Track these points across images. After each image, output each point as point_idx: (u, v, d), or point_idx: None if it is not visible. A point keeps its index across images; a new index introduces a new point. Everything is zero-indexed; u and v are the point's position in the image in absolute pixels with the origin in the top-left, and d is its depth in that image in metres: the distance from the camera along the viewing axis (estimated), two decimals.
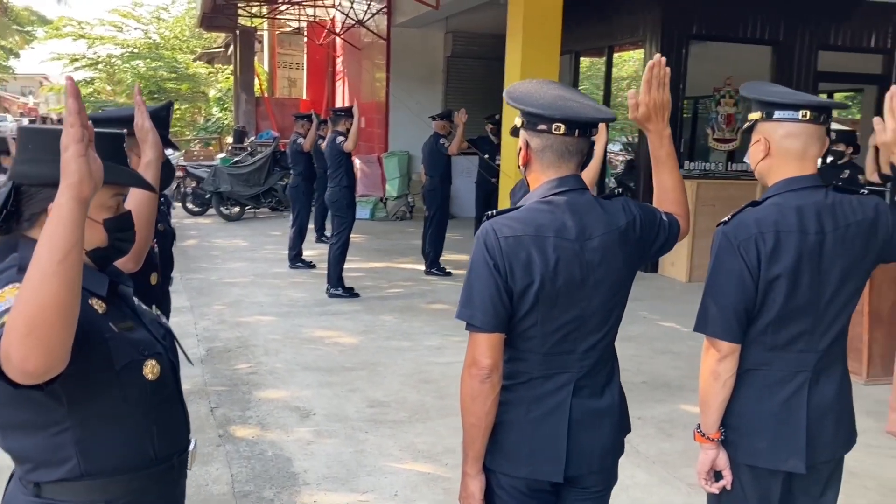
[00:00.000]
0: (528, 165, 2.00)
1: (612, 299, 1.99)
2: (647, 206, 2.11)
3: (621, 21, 10.01)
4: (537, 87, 2.00)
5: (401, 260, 9.91)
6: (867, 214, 2.12)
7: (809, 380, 2.13)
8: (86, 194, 1.25)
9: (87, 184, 1.24)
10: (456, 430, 4.56)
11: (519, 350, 1.94)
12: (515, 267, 1.86)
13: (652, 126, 2.13)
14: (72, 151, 1.23)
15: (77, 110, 1.24)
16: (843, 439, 2.23)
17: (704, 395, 2.18)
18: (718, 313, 2.10)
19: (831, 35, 9.78)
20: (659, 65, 2.09)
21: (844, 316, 2.15)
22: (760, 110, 2.16)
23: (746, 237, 2.07)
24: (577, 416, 1.96)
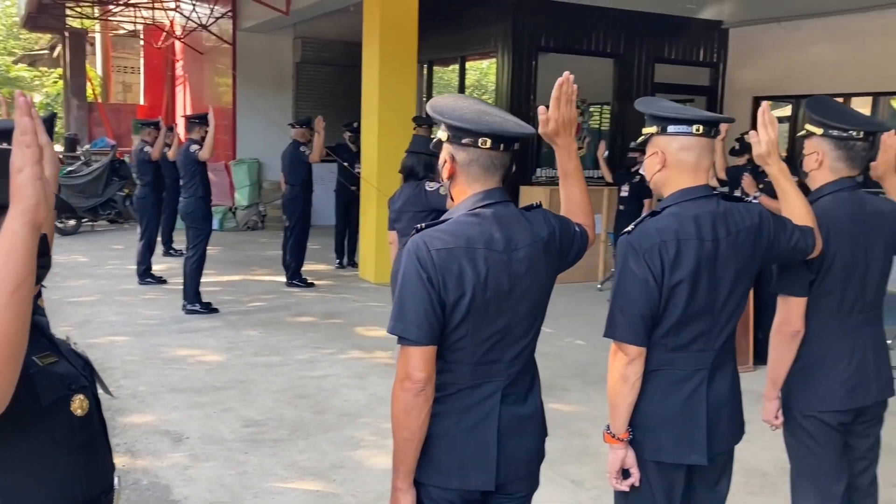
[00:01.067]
0: (453, 178, 2.01)
1: (536, 307, 2.04)
2: (563, 217, 2.18)
3: (474, 32, 10.27)
4: (459, 100, 2.03)
5: (259, 272, 9.64)
6: (753, 221, 2.29)
7: (707, 377, 2.27)
8: (41, 220, 1.13)
9: (42, 208, 1.13)
10: (339, 445, 4.53)
11: (448, 361, 1.95)
12: (448, 279, 1.87)
13: (560, 141, 2.20)
14: (28, 173, 1.12)
15: (34, 129, 1.13)
16: (735, 431, 2.39)
17: (614, 397, 2.27)
18: (626, 319, 2.20)
19: (665, 49, 10.48)
20: (567, 82, 2.16)
21: (736, 316, 2.31)
22: (655, 125, 2.28)
23: (650, 246, 2.18)
24: (505, 424, 2.00)
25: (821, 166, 2.61)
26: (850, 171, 2.59)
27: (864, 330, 2.61)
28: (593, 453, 4.35)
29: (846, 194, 2.58)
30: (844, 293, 2.55)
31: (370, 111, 9.01)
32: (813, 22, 9.42)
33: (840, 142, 2.56)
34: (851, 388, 2.58)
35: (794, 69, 9.72)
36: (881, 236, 2.61)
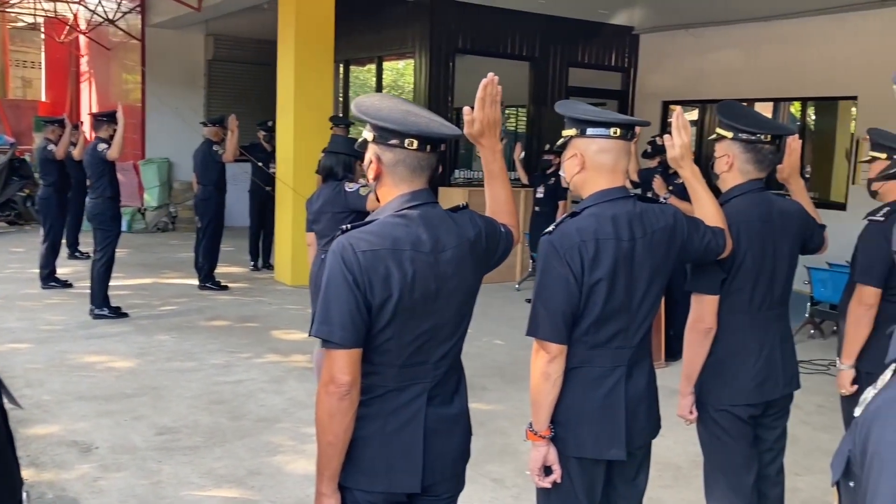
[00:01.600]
0: (380, 179, 2.00)
1: (463, 308, 2.05)
2: (489, 218, 2.19)
3: (391, 33, 10.25)
4: (385, 101, 2.01)
5: (170, 274, 9.36)
6: (668, 221, 2.36)
7: (625, 373, 2.32)
8: None
9: None
10: (257, 451, 4.44)
11: (374, 364, 1.93)
12: (374, 281, 1.85)
13: (485, 141, 2.21)
14: None
15: None
16: (652, 425, 2.46)
17: (536, 395, 2.29)
18: (548, 318, 2.23)
19: (579, 53, 10.70)
20: (492, 83, 2.17)
21: (653, 313, 2.37)
22: (575, 127, 2.32)
23: (570, 245, 2.22)
24: (432, 425, 1.99)
25: (731, 168, 2.70)
26: (759, 174, 2.70)
27: (772, 325, 2.72)
28: (513, 451, 4.39)
29: (755, 195, 2.68)
30: (754, 290, 2.65)
31: (285, 110, 8.87)
32: (718, 29, 9.79)
33: (749, 145, 2.66)
34: (761, 382, 2.69)
35: (701, 75, 10.08)
36: (788, 236, 2.73)
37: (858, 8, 8.28)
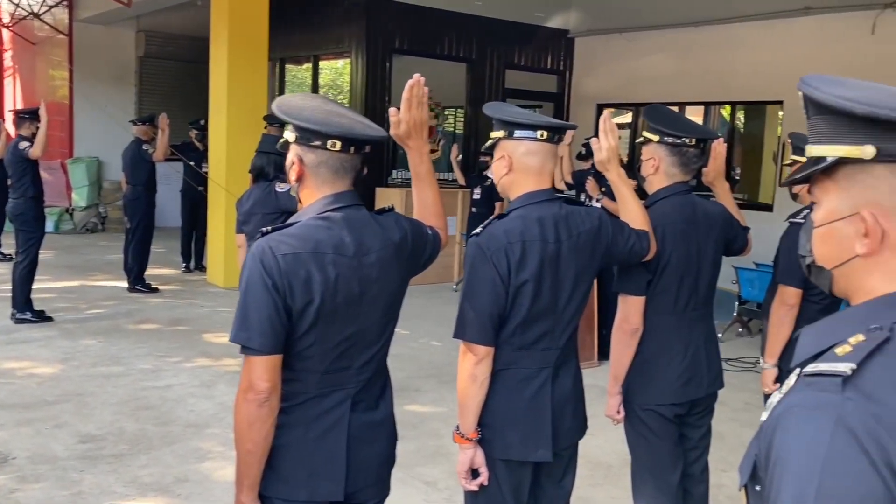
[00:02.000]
0: (302, 181, 1.95)
1: (388, 313, 2.02)
2: (415, 220, 2.17)
3: (327, 32, 10.15)
4: (307, 101, 1.98)
5: (98, 277, 9.09)
6: (593, 224, 2.38)
7: (551, 375, 2.33)
8: None
9: None
10: (184, 458, 4.33)
11: (295, 370, 1.89)
12: (295, 285, 1.81)
13: (412, 143, 2.19)
14: None
15: None
16: (579, 426, 2.47)
17: (463, 397, 2.28)
18: (475, 319, 2.22)
19: (516, 56, 10.77)
20: (418, 84, 2.15)
21: (578, 315, 2.39)
22: (503, 129, 2.32)
23: (497, 247, 2.21)
24: (356, 432, 1.96)
25: (657, 171, 2.74)
26: (684, 177, 2.74)
27: (697, 326, 2.77)
28: (446, 453, 4.38)
29: (680, 198, 2.72)
30: (679, 291, 2.69)
31: (218, 109, 8.71)
32: (651, 34, 9.96)
33: (674, 148, 2.70)
34: (686, 381, 2.73)
35: (635, 78, 10.24)
36: (712, 237, 2.77)
37: (785, 15, 8.53)
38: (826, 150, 1.03)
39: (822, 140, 1.04)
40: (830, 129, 1.02)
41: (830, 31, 8.17)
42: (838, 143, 1.01)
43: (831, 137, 1.02)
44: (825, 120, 1.02)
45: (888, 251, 1.00)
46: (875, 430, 0.87)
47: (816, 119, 1.04)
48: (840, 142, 1.01)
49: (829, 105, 0.99)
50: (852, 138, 0.99)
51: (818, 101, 1.01)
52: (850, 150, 0.99)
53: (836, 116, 1.00)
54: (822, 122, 1.03)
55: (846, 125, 0.99)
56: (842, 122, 1.00)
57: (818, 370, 0.95)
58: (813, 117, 1.05)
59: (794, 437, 0.92)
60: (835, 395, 0.91)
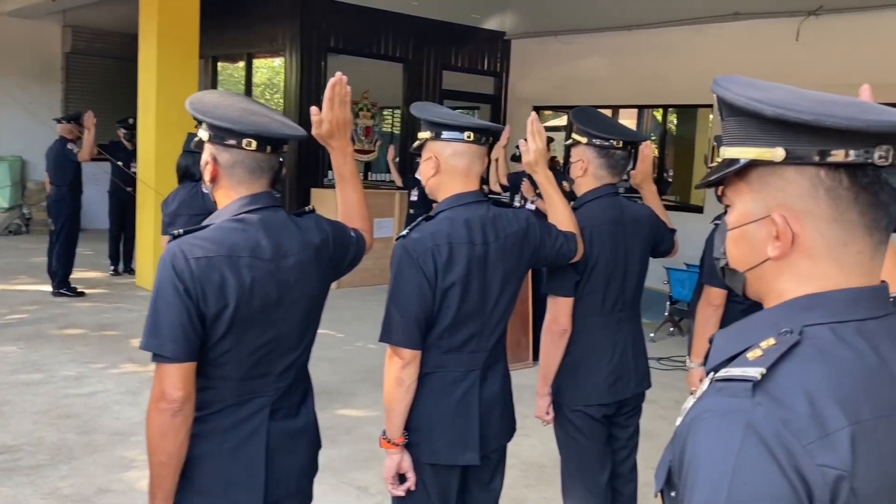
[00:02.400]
0: (216, 181, 1.89)
1: (308, 317, 1.97)
2: (337, 222, 2.12)
3: (260, 30, 9.99)
4: (223, 98, 1.92)
5: (20, 280, 8.75)
6: (521, 226, 2.37)
7: (479, 377, 2.32)
8: None
9: None
10: (108, 467, 4.18)
11: (211, 378, 1.82)
12: (208, 290, 1.75)
13: (335, 143, 2.15)
14: None
15: None
16: (507, 428, 2.46)
17: (389, 401, 2.25)
18: (401, 323, 2.19)
19: (453, 57, 10.77)
20: (340, 83, 2.11)
21: (506, 317, 2.37)
22: (430, 130, 2.29)
23: (424, 249, 2.18)
24: (275, 441, 1.91)
25: (585, 173, 2.75)
26: (612, 179, 2.75)
27: (624, 326, 2.78)
28: (380, 458, 4.26)
29: (608, 200, 2.73)
30: (606, 292, 2.70)
31: (147, 107, 8.47)
32: (586, 37, 10.08)
33: (603, 151, 2.71)
34: (614, 381, 2.74)
35: (570, 81, 10.35)
36: (639, 239, 2.79)
37: (715, 20, 8.72)
38: (738, 152, 1.02)
39: (734, 142, 1.03)
40: (742, 131, 1.01)
41: (758, 37, 8.38)
42: (750, 144, 1.00)
43: (743, 139, 1.01)
44: (737, 122, 1.02)
45: (798, 254, 0.99)
46: (783, 435, 0.87)
47: (729, 121, 1.03)
48: (751, 144, 1.00)
49: (739, 106, 0.98)
50: (763, 140, 0.98)
51: (729, 103, 1.00)
52: (760, 152, 0.99)
53: (747, 118, 1.00)
54: (734, 123, 1.02)
55: (757, 127, 0.99)
56: (753, 124, 0.99)
57: (729, 375, 0.94)
58: (726, 119, 1.04)
59: (704, 442, 0.92)
60: (745, 400, 0.91)
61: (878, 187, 0.96)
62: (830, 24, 7.71)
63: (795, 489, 0.86)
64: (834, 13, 7.61)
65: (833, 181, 0.96)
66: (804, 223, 0.98)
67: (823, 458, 0.87)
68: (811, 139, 0.95)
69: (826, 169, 0.96)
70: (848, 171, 0.95)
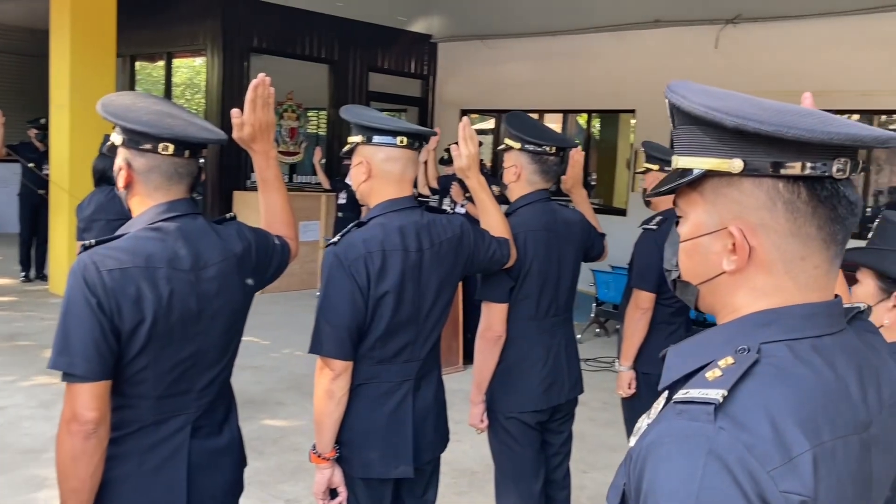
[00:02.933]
0: (131, 188, 1.78)
1: (230, 331, 1.88)
2: (260, 230, 2.04)
3: (181, 28, 9.70)
4: (137, 100, 1.81)
5: None
6: (455, 232, 2.33)
7: (413, 387, 2.26)
8: None
9: None
10: (19, 487, 3.96)
11: (127, 396, 1.72)
12: (123, 304, 1.64)
13: (257, 146, 2.07)
14: None
15: None
16: (440, 439, 2.41)
17: (319, 415, 2.18)
18: (332, 333, 2.11)
19: (379, 58, 10.69)
20: (263, 84, 2.03)
21: (441, 325, 2.33)
22: (361, 134, 2.23)
23: (356, 257, 2.12)
24: (197, 460, 1.81)
25: (519, 179, 2.72)
26: (545, 184, 2.74)
27: (558, 331, 2.77)
28: (309, 469, 4.20)
29: (541, 205, 2.72)
30: (540, 297, 2.69)
31: (60, 107, 8.11)
32: (512, 42, 10.14)
33: (536, 156, 2.69)
34: (548, 387, 2.72)
35: (497, 85, 10.40)
36: (572, 244, 2.79)
37: (637, 27, 8.89)
38: (692, 163, 0.98)
39: (688, 151, 0.99)
40: (697, 141, 0.97)
41: (679, 44, 8.58)
42: (705, 155, 0.96)
43: (697, 149, 0.97)
44: (691, 131, 0.98)
45: (755, 268, 0.96)
46: (747, 461, 0.84)
47: (683, 129, 0.99)
48: (707, 154, 0.96)
49: (697, 115, 0.94)
50: (720, 151, 0.95)
51: (686, 111, 0.96)
52: (717, 163, 0.95)
53: (703, 127, 0.96)
54: (688, 132, 0.98)
55: (714, 137, 0.95)
56: (709, 134, 0.95)
57: (689, 398, 0.90)
58: (679, 127, 1.00)
59: (664, 469, 0.87)
60: (706, 424, 0.87)
61: (837, 200, 0.94)
62: (748, 32, 7.95)
63: None
64: (751, 21, 7.85)
65: (791, 194, 0.93)
66: (761, 237, 0.95)
67: (787, 484, 0.84)
68: (769, 151, 0.92)
69: (785, 181, 0.93)
70: (807, 184, 0.93)
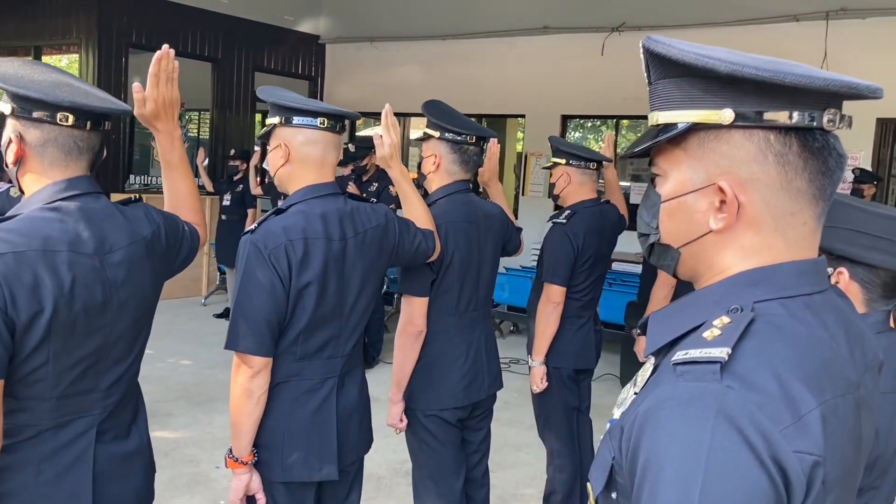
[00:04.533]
0: (22, 163, 1.59)
1: (139, 322, 1.71)
2: (169, 213, 1.88)
3: (52, 21, 9.10)
4: (29, 68, 1.62)
5: None
6: (380, 221, 2.23)
7: (336, 385, 2.15)
8: None
9: None
10: None
11: (21, 399, 1.52)
12: (18, 292, 1.45)
13: (161, 125, 1.90)
14: None
15: None
16: (365, 439, 2.31)
17: (237, 416, 2.03)
18: (249, 327, 1.97)
19: (265, 58, 10.39)
20: (167, 57, 1.87)
21: (365, 318, 2.22)
22: (279, 115, 2.10)
23: (276, 245, 1.99)
24: (103, 466, 1.64)
25: (438, 168, 2.65)
26: (465, 175, 2.68)
27: (478, 326, 2.71)
28: (204, 481, 4.00)
29: (461, 196, 2.65)
30: (461, 291, 2.62)
31: None
32: (401, 44, 10.09)
33: (455, 145, 2.62)
34: (469, 383, 2.66)
35: (386, 88, 10.30)
36: (491, 237, 2.74)
37: (526, 33, 9.02)
38: (676, 116, 0.93)
39: (670, 105, 0.93)
40: (681, 93, 0.92)
41: (566, 50, 8.76)
42: (691, 107, 0.91)
43: (682, 102, 0.92)
44: (674, 83, 0.93)
45: (743, 226, 0.92)
46: (759, 420, 0.79)
47: (664, 83, 0.94)
48: (693, 106, 0.91)
49: (688, 63, 0.89)
50: (708, 102, 0.90)
51: (675, 60, 0.90)
52: (706, 114, 0.90)
53: (689, 79, 0.91)
54: (669, 85, 0.93)
55: (701, 88, 0.90)
56: (696, 85, 0.90)
57: (690, 358, 0.84)
58: (658, 81, 0.95)
59: (668, 434, 0.81)
60: (713, 383, 0.81)
61: (828, 153, 0.91)
62: (632, 40, 8.19)
63: (773, 481, 0.77)
64: (635, 30, 8.11)
65: (783, 146, 0.89)
66: (750, 192, 0.91)
67: (799, 443, 0.79)
68: (760, 100, 0.88)
69: (776, 133, 0.89)
70: (798, 136, 0.89)
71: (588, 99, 8.77)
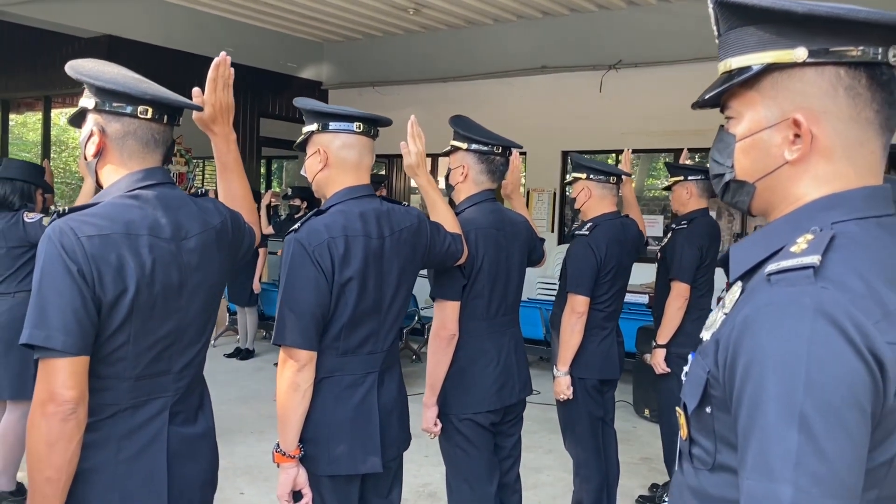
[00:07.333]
0: (103, 155, 1.68)
1: (208, 308, 1.79)
2: (231, 209, 1.96)
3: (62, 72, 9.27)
4: (105, 66, 1.73)
5: None
6: (413, 221, 2.32)
7: (377, 380, 2.20)
8: None
9: None
10: None
11: (103, 378, 1.59)
12: (105, 272, 1.53)
13: (218, 129, 2.00)
14: None
15: None
16: (405, 436, 2.35)
17: (284, 410, 2.09)
18: (296, 322, 2.05)
19: (270, 104, 10.59)
20: (224, 63, 1.98)
21: (402, 315, 2.29)
22: (315, 122, 2.20)
23: (319, 243, 2.07)
24: (176, 447, 1.69)
25: (465, 179, 2.75)
26: (491, 184, 2.78)
27: (507, 331, 2.78)
28: None
29: (488, 205, 2.75)
30: (491, 296, 2.69)
31: None
32: (402, 88, 10.30)
33: (482, 156, 2.73)
34: (500, 387, 2.71)
35: (390, 129, 10.28)
36: (518, 244, 2.82)
37: (525, 73, 9.22)
38: (749, 59, 1.02)
39: (741, 51, 1.03)
40: (752, 38, 1.01)
41: (564, 88, 8.96)
42: (766, 48, 1.00)
43: (754, 46, 1.01)
44: (744, 30, 1.02)
45: (816, 156, 1.00)
46: (854, 315, 0.87)
47: (736, 31, 1.03)
48: (766, 48, 1.00)
49: (764, 7, 0.98)
50: (781, 43, 0.99)
51: (751, 5, 0.99)
52: (780, 54, 0.99)
53: (760, 24, 1.00)
54: (740, 32, 1.02)
55: (772, 31, 0.99)
56: (767, 29, 0.99)
57: (783, 266, 0.93)
58: (731, 31, 1.04)
59: (768, 335, 0.89)
60: (808, 285, 0.89)
61: (894, 85, 0.99)
62: (629, 77, 8.40)
63: (871, 369, 0.85)
64: (631, 67, 8.31)
65: (853, 80, 0.98)
66: (822, 123, 0.99)
67: (890, 335, 0.87)
68: (830, 38, 0.97)
69: (846, 68, 0.98)
70: (867, 70, 0.98)
71: (588, 135, 8.93)
